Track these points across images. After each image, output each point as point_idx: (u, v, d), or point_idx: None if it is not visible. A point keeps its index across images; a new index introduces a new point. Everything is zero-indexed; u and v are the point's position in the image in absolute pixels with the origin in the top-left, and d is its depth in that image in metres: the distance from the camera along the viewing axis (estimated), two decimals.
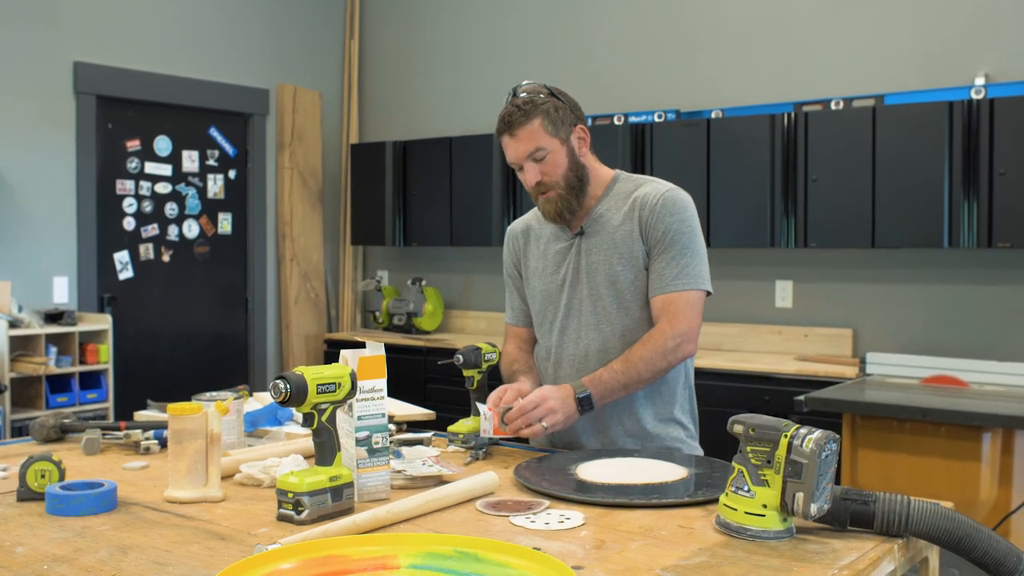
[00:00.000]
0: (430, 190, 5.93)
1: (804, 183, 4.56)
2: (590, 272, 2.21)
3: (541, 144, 2.14)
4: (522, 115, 2.14)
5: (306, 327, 6.43)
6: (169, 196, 5.80)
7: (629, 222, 2.18)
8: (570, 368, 2.24)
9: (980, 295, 4.49)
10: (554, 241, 2.30)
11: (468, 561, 1.26)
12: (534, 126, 2.13)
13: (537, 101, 2.15)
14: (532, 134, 2.14)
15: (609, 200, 2.24)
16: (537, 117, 2.14)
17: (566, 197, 2.19)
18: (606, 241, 2.20)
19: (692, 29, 5.31)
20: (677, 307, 2.12)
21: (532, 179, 2.17)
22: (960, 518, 1.45)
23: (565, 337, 2.25)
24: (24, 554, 1.41)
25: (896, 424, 3.53)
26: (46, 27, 5.17)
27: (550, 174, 2.17)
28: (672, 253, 2.14)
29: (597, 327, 2.20)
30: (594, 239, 2.22)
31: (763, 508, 1.45)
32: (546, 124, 2.14)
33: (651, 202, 2.17)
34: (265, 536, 1.49)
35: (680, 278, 2.13)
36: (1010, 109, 4.08)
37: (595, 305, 2.21)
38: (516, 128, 2.14)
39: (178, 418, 1.71)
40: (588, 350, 2.21)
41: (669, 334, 2.10)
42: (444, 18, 6.34)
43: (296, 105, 6.38)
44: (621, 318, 2.18)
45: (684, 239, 2.15)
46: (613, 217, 2.21)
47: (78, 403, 4.85)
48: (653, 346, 2.10)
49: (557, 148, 2.16)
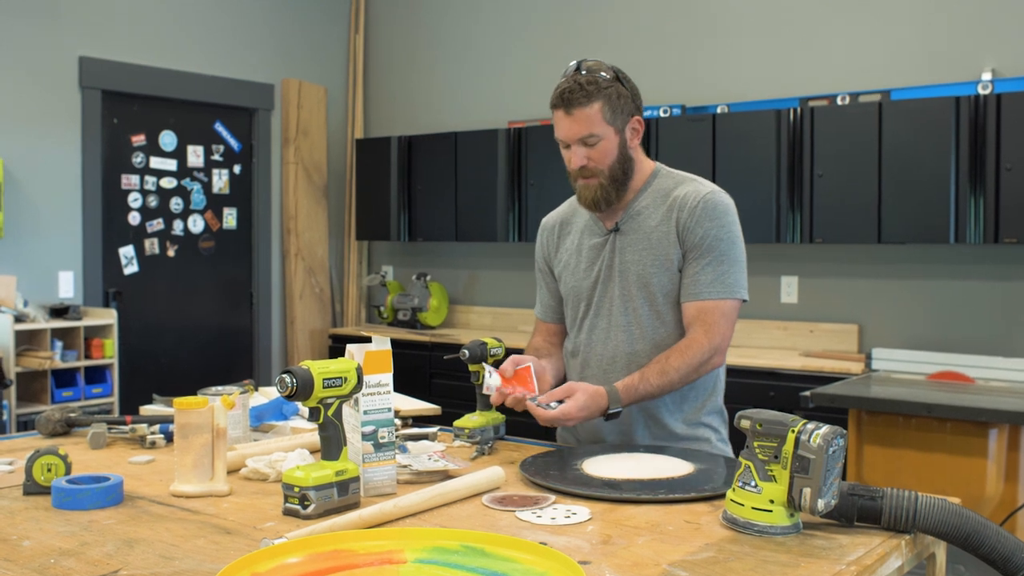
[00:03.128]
0: (435, 185, 5.93)
1: (810, 178, 4.55)
2: (623, 271, 2.15)
3: (595, 131, 2.07)
4: (583, 95, 2.06)
5: (311, 322, 6.43)
6: (174, 191, 5.80)
7: (666, 223, 2.11)
8: (597, 369, 2.19)
9: (986, 291, 4.48)
10: (588, 236, 2.24)
11: (474, 556, 1.26)
12: (593, 110, 2.06)
13: (601, 83, 2.07)
14: (589, 118, 2.06)
15: (647, 196, 2.16)
16: (598, 101, 2.06)
17: (607, 188, 2.12)
18: (641, 241, 2.13)
19: (698, 24, 5.30)
20: (713, 317, 2.06)
21: (577, 162, 2.10)
22: (968, 514, 1.44)
23: (594, 336, 2.20)
24: (31, 548, 1.42)
25: (902, 420, 3.52)
26: (51, 22, 5.17)
27: (597, 161, 2.10)
28: (709, 259, 2.06)
29: (627, 329, 2.15)
30: (629, 237, 2.15)
31: (770, 503, 1.45)
32: (605, 110, 2.07)
33: (690, 204, 2.09)
34: (271, 530, 1.49)
35: (716, 285, 2.06)
36: (1017, 104, 4.06)
37: (626, 306, 2.15)
38: (574, 107, 2.06)
39: (184, 412, 1.71)
40: (616, 352, 2.16)
41: (706, 347, 2.04)
42: (449, 13, 6.33)
43: (301, 100, 6.38)
44: (652, 322, 2.13)
45: (723, 245, 2.07)
46: (650, 216, 2.14)
47: (83, 397, 4.86)
48: (690, 358, 2.04)
49: (610, 137, 2.09)
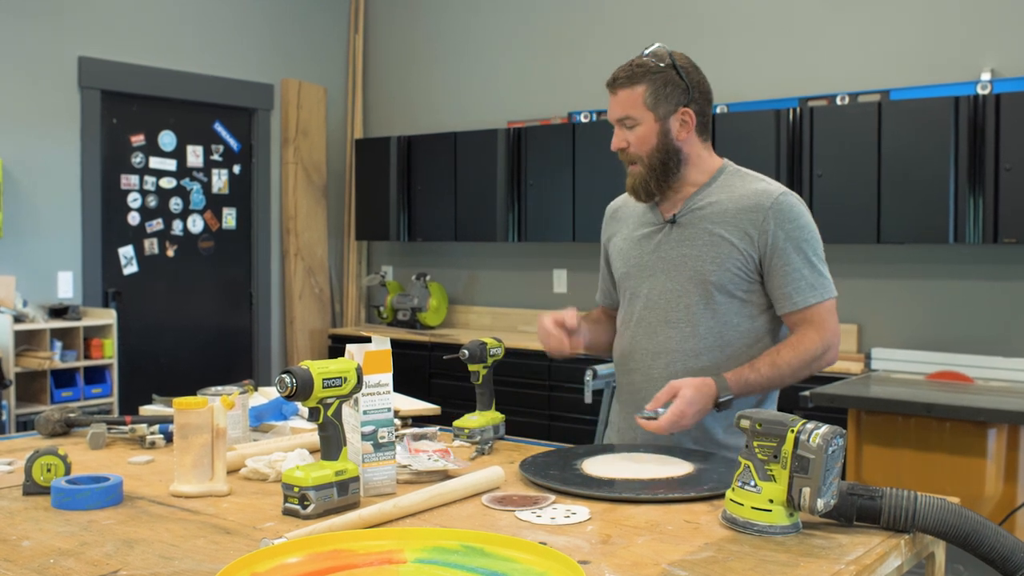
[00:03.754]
0: (435, 185, 5.93)
1: (809, 178, 4.55)
2: (677, 264, 2.10)
3: (632, 113, 2.07)
4: (628, 77, 2.06)
5: (310, 322, 6.43)
6: (174, 191, 5.80)
7: (734, 221, 2.06)
8: (640, 362, 2.14)
9: (985, 291, 4.48)
10: (643, 224, 2.19)
11: (474, 556, 1.26)
12: (635, 92, 2.06)
13: (651, 68, 2.06)
14: (629, 99, 2.06)
15: (712, 191, 2.11)
16: (642, 85, 2.05)
17: (645, 176, 2.10)
18: (701, 236, 2.08)
19: (696, 24, 5.30)
20: (821, 316, 2.05)
21: (616, 144, 2.10)
22: (967, 513, 1.45)
23: (640, 329, 2.15)
24: (30, 548, 1.41)
25: (901, 420, 3.53)
26: (51, 22, 5.17)
27: (635, 146, 2.09)
28: (797, 263, 2.04)
29: (676, 325, 2.09)
30: (688, 231, 2.10)
31: (769, 503, 1.45)
32: (648, 95, 2.05)
33: (765, 205, 2.05)
34: (271, 530, 1.49)
35: (815, 289, 2.05)
36: (1016, 104, 4.06)
37: (678, 301, 2.10)
38: (618, 88, 2.08)
39: (184, 412, 1.71)
40: (662, 348, 2.11)
41: (818, 343, 2.03)
42: (449, 12, 6.33)
43: (301, 100, 6.38)
44: (705, 319, 2.07)
45: (808, 247, 2.05)
46: (714, 211, 2.09)
47: (83, 398, 4.86)
48: (802, 353, 2.02)
49: (649, 123, 2.07)
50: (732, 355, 2.09)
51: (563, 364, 5.13)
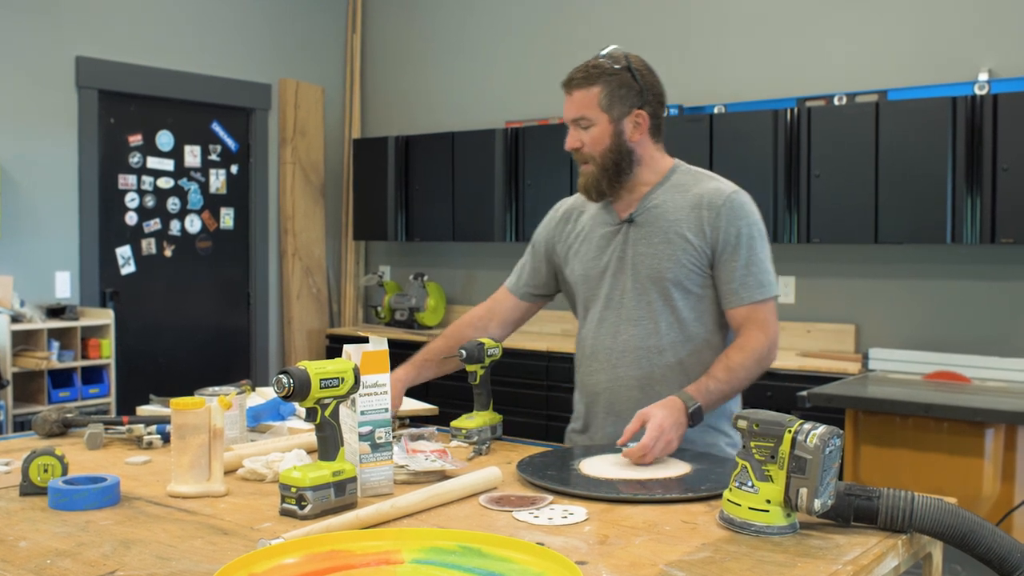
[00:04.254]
0: (432, 185, 5.93)
1: (807, 178, 4.56)
2: (635, 264, 2.14)
3: (587, 114, 2.10)
4: (583, 78, 2.09)
5: (308, 322, 6.43)
6: (171, 191, 5.80)
7: (688, 219, 2.11)
8: (605, 362, 2.17)
9: (983, 291, 4.48)
10: (600, 224, 2.23)
11: (471, 556, 1.26)
12: (591, 93, 2.09)
13: (606, 69, 2.09)
14: (584, 100, 2.09)
15: (664, 191, 2.16)
16: (597, 86, 2.09)
17: (597, 176, 2.13)
18: (657, 234, 2.13)
19: (695, 24, 5.30)
20: (762, 315, 2.08)
21: (570, 143, 2.13)
22: (964, 514, 1.45)
23: (602, 329, 2.18)
24: (27, 548, 1.41)
25: (899, 420, 3.53)
26: (48, 21, 5.16)
27: (589, 146, 2.12)
28: (745, 260, 2.09)
29: (638, 322, 2.13)
30: (644, 229, 2.15)
31: (767, 504, 1.45)
32: (603, 96, 2.09)
33: (718, 203, 2.10)
34: (268, 531, 1.49)
35: (760, 288, 2.09)
36: (1014, 104, 4.07)
37: (638, 300, 2.13)
38: (573, 88, 2.11)
39: (181, 413, 1.71)
40: (626, 346, 2.14)
41: (764, 341, 2.06)
42: (446, 12, 6.33)
43: (298, 100, 6.37)
44: (665, 316, 2.11)
45: (756, 244, 2.10)
46: (668, 210, 2.13)
47: (80, 398, 4.86)
48: (753, 354, 2.05)
49: (603, 124, 2.10)
50: (693, 350, 2.14)
51: (561, 365, 5.13)
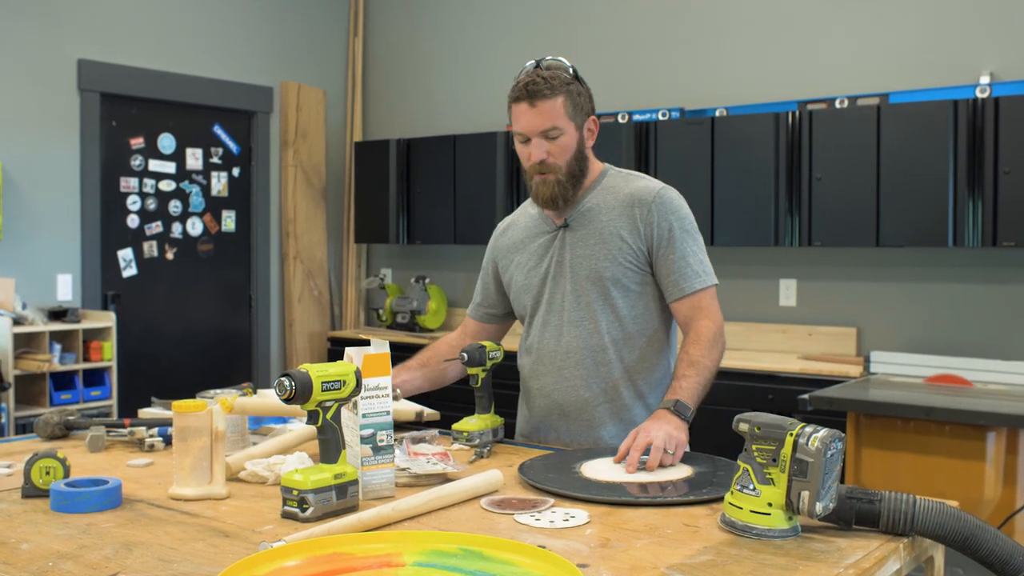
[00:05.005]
0: (434, 188, 5.93)
1: (808, 182, 4.56)
2: (573, 266, 2.19)
3: (558, 124, 2.11)
4: (548, 88, 2.09)
5: (310, 325, 6.43)
6: (173, 194, 5.80)
7: (622, 218, 2.16)
8: (551, 365, 2.22)
9: (984, 294, 4.48)
10: (536, 235, 2.27)
11: (473, 559, 1.26)
12: (556, 103, 2.09)
13: (564, 79, 2.11)
14: (553, 111, 2.10)
15: (597, 194, 2.21)
16: (561, 95, 2.10)
17: (565, 184, 2.16)
18: (593, 236, 2.17)
19: (697, 27, 5.30)
20: (706, 303, 2.14)
21: (538, 156, 2.12)
22: (966, 517, 1.45)
23: (546, 333, 2.23)
24: (29, 551, 1.41)
25: (900, 423, 3.53)
26: (50, 25, 5.17)
27: (556, 156, 2.13)
28: (682, 252, 2.13)
29: (580, 324, 2.18)
30: (580, 232, 2.19)
31: (768, 507, 1.45)
32: (568, 105, 2.11)
33: (648, 199, 2.15)
34: (270, 533, 1.49)
35: (699, 277, 2.14)
36: (1015, 108, 4.07)
37: (579, 301, 2.18)
38: (538, 99, 2.09)
39: (183, 415, 1.71)
40: (570, 347, 2.19)
41: (714, 328, 2.11)
42: (448, 15, 6.34)
43: (300, 103, 6.38)
44: (605, 315, 2.16)
45: (689, 237, 2.15)
46: (602, 212, 2.18)
47: (82, 400, 4.86)
48: (707, 341, 2.09)
49: (571, 133, 2.13)
50: (635, 347, 2.18)
51: None
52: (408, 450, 1.92)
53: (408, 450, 1.92)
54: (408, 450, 1.92)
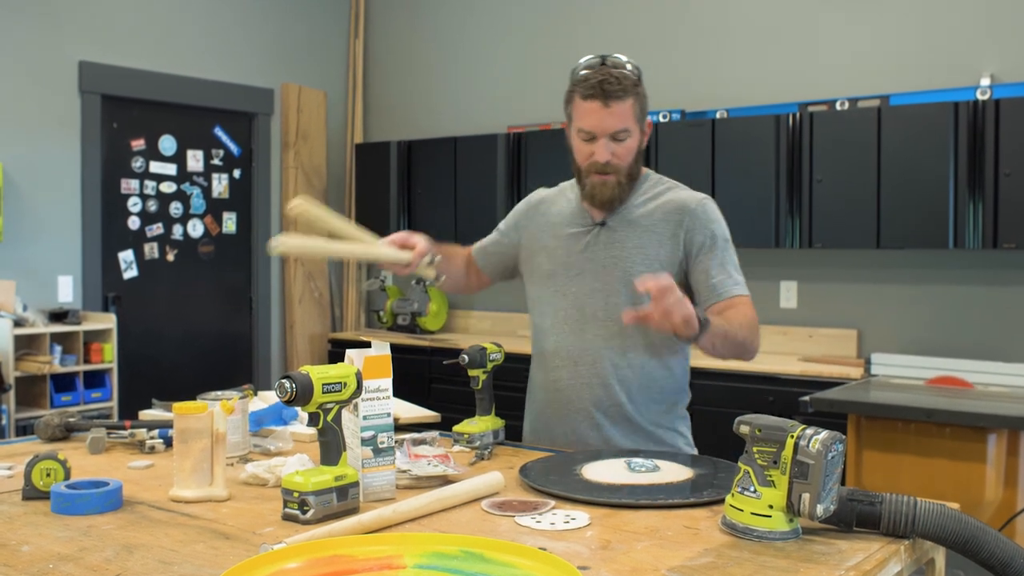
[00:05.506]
0: (435, 190, 5.93)
1: (809, 184, 4.56)
2: (606, 266, 2.16)
3: (629, 126, 2.09)
4: (621, 90, 2.06)
5: (310, 327, 6.43)
6: (174, 195, 5.80)
7: (661, 223, 2.14)
8: (567, 359, 2.19)
9: (985, 296, 4.48)
10: (571, 224, 2.24)
11: (474, 561, 1.26)
12: (628, 105, 2.07)
13: (633, 80, 2.09)
14: (625, 113, 2.07)
15: (638, 197, 2.19)
16: (632, 98, 2.08)
17: (624, 186, 2.14)
18: (630, 238, 2.15)
19: (697, 29, 5.30)
20: (747, 304, 2.10)
21: (604, 157, 2.09)
22: (967, 519, 1.45)
23: (566, 327, 2.20)
24: (30, 553, 1.41)
25: (901, 425, 3.53)
26: (51, 26, 5.17)
27: (621, 158, 2.11)
28: (721, 260, 2.12)
29: (603, 323, 2.15)
30: (617, 233, 2.17)
31: (769, 509, 1.45)
32: (636, 108, 2.09)
33: (691, 207, 2.14)
34: (270, 535, 1.49)
35: (737, 285, 2.12)
36: (1015, 110, 4.07)
37: (605, 301, 2.15)
38: (613, 100, 2.06)
39: (183, 417, 1.71)
40: (590, 345, 2.16)
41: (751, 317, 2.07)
42: (449, 17, 6.34)
43: (301, 104, 6.38)
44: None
45: (729, 247, 2.15)
46: (642, 216, 2.16)
47: (83, 402, 4.86)
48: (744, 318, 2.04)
49: (636, 135, 2.12)
50: (656, 355, 2.16)
51: None
52: (409, 452, 1.92)
53: (409, 452, 1.92)
54: (409, 452, 1.92)
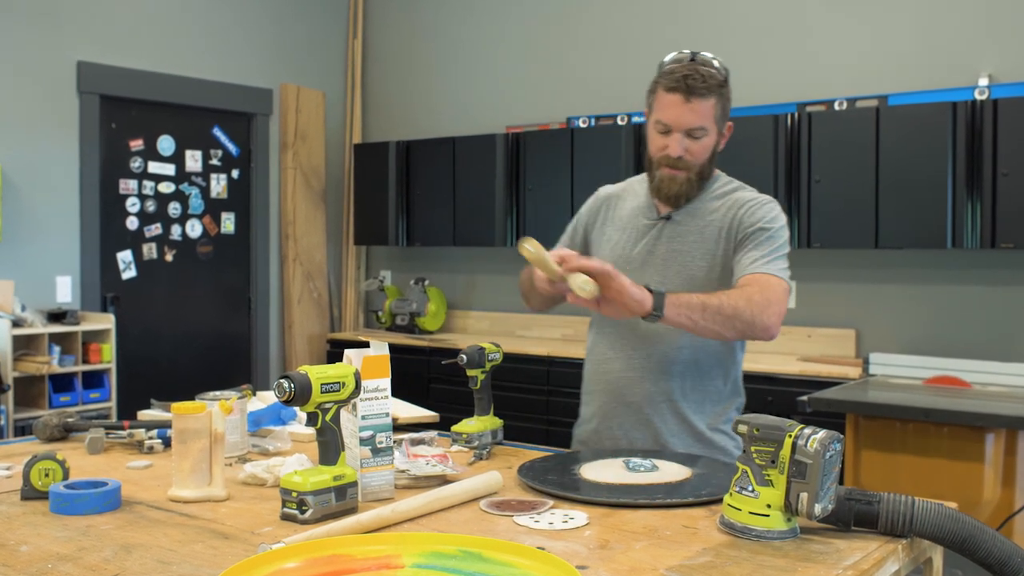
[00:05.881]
0: (433, 190, 5.93)
1: (807, 184, 4.56)
2: (665, 259, 2.16)
3: (706, 125, 2.09)
4: (705, 88, 2.06)
5: (309, 327, 6.43)
6: (172, 196, 5.80)
7: (722, 218, 2.14)
8: (622, 352, 2.19)
9: (983, 296, 4.48)
10: (636, 217, 2.24)
11: (472, 561, 1.26)
12: (708, 104, 2.07)
13: (718, 80, 2.09)
14: (704, 111, 2.07)
15: (707, 195, 2.19)
16: (714, 97, 2.08)
17: (693, 183, 2.14)
18: (692, 233, 2.15)
19: (696, 29, 5.30)
20: (768, 284, 2.00)
21: (677, 151, 2.09)
22: (964, 518, 1.45)
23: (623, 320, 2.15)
24: (28, 553, 1.41)
25: (899, 425, 3.53)
26: (49, 27, 5.17)
27: (695, 156, 2.11)
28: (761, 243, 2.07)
29: None
30: (680, 228, 2.17)
31: (767, 508, 1.45)
32: (717, 108, 2.09)
33: (749, 202, 2.14)
34: (269, 535, 1.49)
35: (769, 265, 2.04)
36: (1013, 110, 4.07)
37: None
38: (694, 96, 2.06)
39: (182, 417, 1.71)
40: (645, 337, 2.15)
41: (758, 298, 1.96)
42: (447, 17, 6.34)
43: (299, 105, 6.38)
44: None
45: (777, 237, 2.09)
46: (706, 213, 2.16)
47: (81, 402, 4.86)
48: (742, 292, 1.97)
49: (713, 136, 2.12)
50: (711, 351, 2.15)
51: (562, 369, 5.13)
52: (407, 452, 1.92)
53: (407, 452, 1.92)
54: (407, 452, 1.92)
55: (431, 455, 1.90)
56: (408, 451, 1.93)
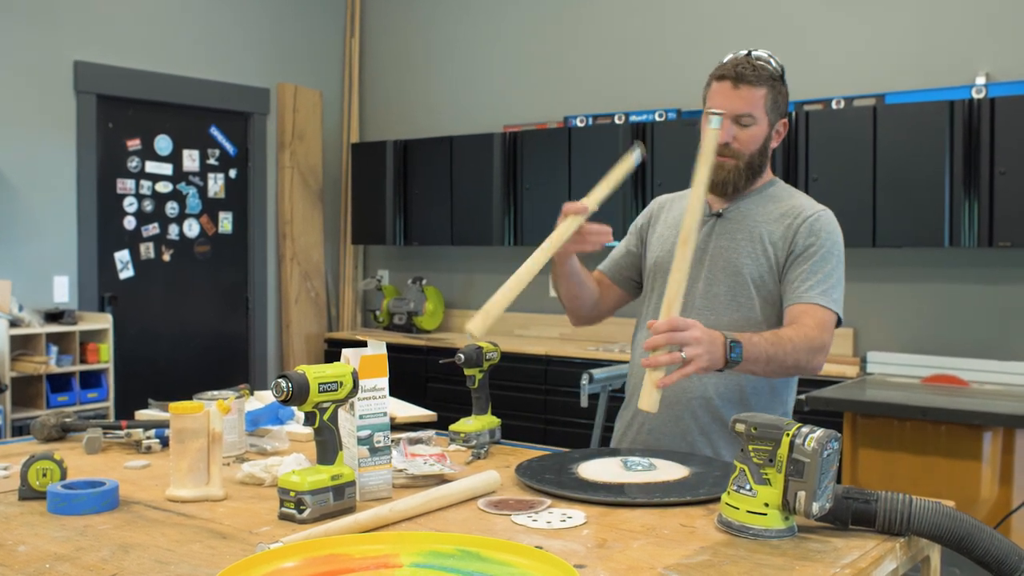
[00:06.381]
0: (431, 189, 5.93)
1: (805, 182, 4.56)
2: (713, 255, 2.16)
3: (754, 113, 2.10)
4: (755, 76, 2.09)
5: (307, 326, 6.43)
6: (170, 195, 5.80)
7: (776, 224, 2.13)
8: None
9: (981, 294, 4.49)
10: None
11: (470, 560, 1.26)
12: (758, 93, 2.09)
13: (771, 73, 2.11)
14: (752, 98, 2.09)
15: (761, 196, 2.19)
16: (765, 87, 2.10)
17: (741, 172, 2.14)
18: (741, 231, 2.15)
19: (693, 28, 5.31)
20: (820, 317, 2.04)
21: (725, 137, 2.10)
22: (962, 517, 1.45)
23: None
24: (26, 553, 1.41)
25: (897, 423, 3.53)
26: (46, 26, 5.17)
27: (742, 144, 2.12)
28: (816, 267, 2.08)
29: (701, 312, 2.13)
30: (730, 225, 2.17)
31: (765, 507, 1.45)
32: (768, 99, 2.11)
33: (808, 214, 2.13)
34: (267, 535, 1.49)
35: (824, 296, 2.06)
36: (1011, 108, 4.08)
37: (708, 291, 2.15)
38: (743, 84, 2.09)
39: (180, 417, 1.71)
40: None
41: (816, 336, 2.00)
42: (445, 16, 6.34)
43: (297, 104, 6.38)
44: (731, 310, 2.12)
45: (833, 259, 2.11)
46: (759, 214, 2.16)
47: (79, 402, 4.85)
48: (803, 334, 1.98)
49: (763, 126, 2.12)
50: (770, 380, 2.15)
51: (559, 369, 5.13)
52: (405, 451, 1.92)
53: (405, 451, 1.92)
54: (405, 451, 1.92)
55: (429, 454, 1.90)
56: (406, 450, 1.93)
